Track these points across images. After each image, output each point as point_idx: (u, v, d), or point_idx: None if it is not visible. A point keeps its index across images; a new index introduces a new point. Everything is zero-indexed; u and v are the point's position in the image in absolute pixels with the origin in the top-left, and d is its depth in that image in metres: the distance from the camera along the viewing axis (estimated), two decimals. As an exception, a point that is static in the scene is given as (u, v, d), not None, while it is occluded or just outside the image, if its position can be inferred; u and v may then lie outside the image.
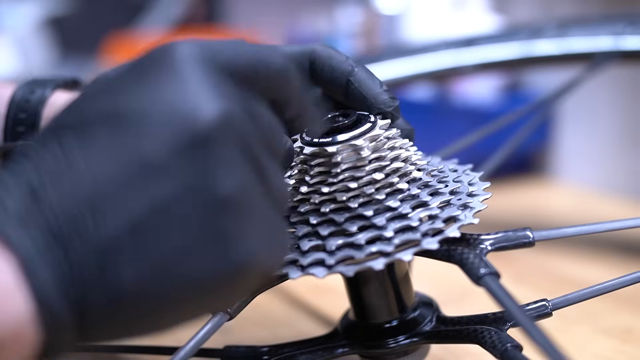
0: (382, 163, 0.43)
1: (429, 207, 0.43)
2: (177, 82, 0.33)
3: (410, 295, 0.47)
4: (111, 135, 0.32)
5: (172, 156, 0.32)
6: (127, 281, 0.31)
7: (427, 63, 0.84)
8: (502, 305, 0.39)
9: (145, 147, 0.32)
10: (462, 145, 0.68)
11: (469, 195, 0.44)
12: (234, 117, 0.33)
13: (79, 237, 0.31)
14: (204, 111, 0.32)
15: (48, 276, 0.31)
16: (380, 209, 0.42)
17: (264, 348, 0.48)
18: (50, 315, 0.31)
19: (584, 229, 0.46)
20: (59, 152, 0.32)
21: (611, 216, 0.90)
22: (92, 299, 0.31)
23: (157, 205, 0.32)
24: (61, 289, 0.31)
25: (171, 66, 0.33)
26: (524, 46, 0.80)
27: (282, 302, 0.69)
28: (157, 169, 0.32)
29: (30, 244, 0.30)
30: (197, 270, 0.32)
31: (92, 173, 0.32)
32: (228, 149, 0.33)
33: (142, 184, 0.32)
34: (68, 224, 0.31)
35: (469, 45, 0.82)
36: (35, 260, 0.30)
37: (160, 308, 0.33)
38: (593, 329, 0.62)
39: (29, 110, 0.51)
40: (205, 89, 0.33)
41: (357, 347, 0.47)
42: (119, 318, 0.32)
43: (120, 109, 0.33)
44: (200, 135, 0.32)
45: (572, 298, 0.45)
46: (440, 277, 0.60)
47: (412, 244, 0.41)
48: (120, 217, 0.31)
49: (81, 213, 0.31)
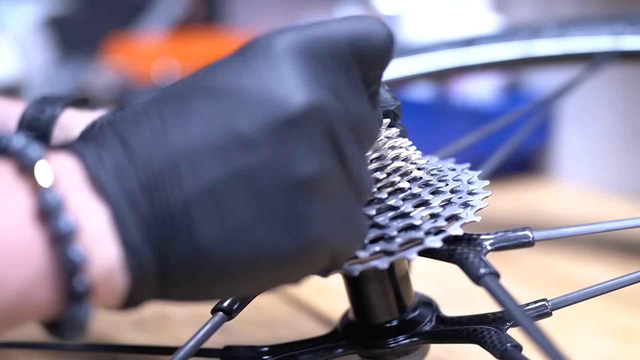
0: (383, 162, 0.43)
1: (431, 206, 0.43)
2: (273, 69, 0.35)
3: (410, 295, 0.47)
4: (206, 106, 0.34)
5: (261, 132, 0.34)
6: (204, 240, 0.33)
7: (427, 63, 0.84)
8: (501, 305, 0.39)
9: (237, 120, 0.34)
10: (462, 145, 0.68)
11: (470, 193, 0.44)
12: (322, 105, 0.35)
13: (165, 192, 0.33)
14: (295, 98, 0.35)
15: (136, 226, 0.33)
16: (383, 208, 0.42)
17: (263, 348, 0.48)
18: (137, 262, 0.33)
19: (584, 228, 0.46)
20: (157, 118, 0.34)
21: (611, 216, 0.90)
22: (172, 253, 0.33)
23: (239, 174, 0.34)
24: (147, 239, 0.33)
25: (270, 54, 0.36)
26: (523, 46, 0.80)
27: (282, 302, 0.69)
28: (245, 141, 0.34)
29: (122, 195, 0.32)
30: (267, 242, 0.34)
31: (183, 136, 0.34)
32: (312, 135, 0.35)
33: (229, 152, 0.34)
34: (156, 179, 0.33)
35: (469, 45, 0.82)
36: (125, 210, 0.32)
37: (233, 273, 0.34)
38: (593, 329, 0.62)
39: (39, 129, 0.52)
40: (298, 78, 0.35)
41: (357, 347, 0.47)
42: (194, 274, 0.34)
43: (218, 85, 0.35)
44: (289, 119, 0.34)
45: (572, 298, 0.45)
46: (440, 277, 0.60)
47: (416, 242, 0.41)
48: (205, 178, 0.33)
49: (169, 170, 0.33)
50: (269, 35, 0.36)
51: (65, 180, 0.32)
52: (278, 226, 0.34)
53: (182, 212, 0.33)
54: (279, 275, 0.36)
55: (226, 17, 1.74)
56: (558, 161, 1.08)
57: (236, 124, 0.34)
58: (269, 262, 0.35)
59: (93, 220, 0.32)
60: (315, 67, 0.36)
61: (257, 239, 0.34)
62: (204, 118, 0.34)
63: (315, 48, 0.36)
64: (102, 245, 0.32)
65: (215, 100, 0.35)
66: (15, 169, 0.32)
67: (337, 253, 0.37)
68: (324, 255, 0.36)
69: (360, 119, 0.37)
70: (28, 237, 0.31)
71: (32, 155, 0.32)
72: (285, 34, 0.36)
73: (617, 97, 1.00)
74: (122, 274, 0.32)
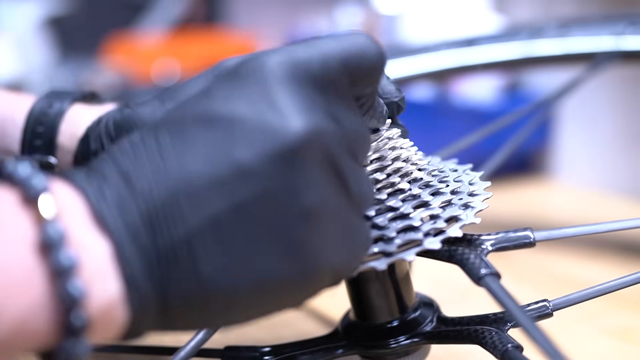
0: (383, 163, 0.43)
1: (431, 207, 0.42)
2: (267, 95, 0.35)
3: (410, 295, 0.47)
4: (204, 136, 0.34)
5: (261, 162, 0.34)
6: (207, 273, 0.33)
7: (428, 63, 0.84)
8: (502, 306, 0.39)
9: (237, 150, 0.34)
10: (462, 145, 0.68)
11: (470, 194, 0.44)
12: (319, 130, 0.35)
13: (167, 226, 0.33)
14: (293, 126, 0.34)
15: (138, 260, 0.32)
16: (382, 209, 0.42)
17: (264, 348, 0.48)
18: (138, 297, 0.32)
19: (585, 229, 0.46)
20: (155, 148, 0.34)
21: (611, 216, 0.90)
22: (174, 286, 0.33)
23: (240, 206, 0.33)
24: (149, 273, 0.33)
25: (263, 79, 0.35)
26: (524, 46, 0.80)
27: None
28: (245, 171, 0.34)
29: (124, 229, 0.32)
30: (269, 273, 0.34)
31: (183, 167, 0.34)
32: (312, 162, 0.34)
33: (229, 183, 0.33)
34: (158, 213, 0.33)
35: (470, 45, 0.82)
36: (127, 245, 0.32)
37: (235, 304, 0.34)
38: (593, 329, 0.62)
39: (47, 124, 0.52)
40: (293, 103, 0.35)
41: (357, 348, 0.47)
42: (197, 306, 0.34)
43: (214, 113, 0.35)
44: (289, 148, 0.34)
45: (573, 299, 0.45)
46: (441, 277, 0.60)
47: (415, 243, 0.41)
48: (206, 211, 0.33)
49: (170, 203, 0.33)
50: (259, 58, 0.36)
51: (68, 214, 0.32)
52: (280, 256, 0.34)
53: (184, 245, 0.33)
54: (281, 302, 0.36)
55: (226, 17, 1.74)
56: (558, 161, 1.08)
57: (236, 154, 0.34)
58: (272, 291, 0.35)
59: (94, 255, 0.32)
60: (309, 90, 0.36)
61: (259, 270, 0.34)
62: (203, 148, 0.34)
63: (308, 70, 0.36)
64: (103, 280, 0.32)
65: (212, 129, 0.34)
66: (19, 198, 0.32)
67: (339, 273, 0.37)
68: (326, 279, 0.36)
69: (355, 136, 0.37)
70: (28, 268, 0.30)
71: (37, 187, 0.32)
72: (276, 55, 0.36)
73: (617, 98, 1.00)
74: (122, 308, 0.32)
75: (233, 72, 0.36)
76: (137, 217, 0.33)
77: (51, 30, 1.52)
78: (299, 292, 0.36)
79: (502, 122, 0.75)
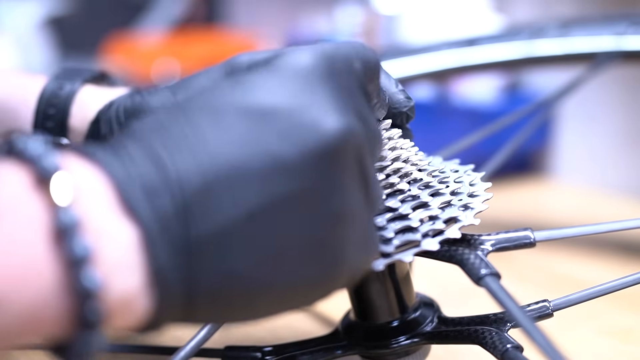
0: (383, 163, 0.43)
1: (430, 208, 0.42)
2: (309, 91, 0.34)
3: (411, 295, 0.47)
4: (242, 124, 0.33)
5: (302, 159, 0.33)
6: (236, 269, 0.32)
7: (429, 63, 0.84)
8: (502, 306, 0.39)
9: (277, 144, 0.33)
10: (463, 145, 0.68)
11: (470, 195, 0.44)
12: (353, 131, 0.34)
13: (201, 217, 0.31)
14: (331, 124, 0.34)
15: (167, 252, 0.31)
16: (381, 210, 0.42)
17: (264, 348, 0.48)
18: (164, 290, 0.31)
19: (585, 229, 0.46)
20: (188, 128, 0.32)
21: (612, 216, 0.90)
22: (203, 280, 0.32)
23: (276, 200, 0.32)
24: (175, 264, 0.31)
25: (303, 74, 0.35)
26: (526, 46, 0.80)
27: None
28: (284, 166, 0.33)
29: (153, 218, 0.30)
30: (297, 271, 0.34)
31: (222, 153, 0.32)
32: (348, 164, 0.34)
33: (268, 176, 0.32)
34: (192, 202, 0.31)
35: (471, 45, 0.82)
36: (156, 235, 0.30)
37: (259, 300, 0.34)
38: (593, 329, 0.62)
39: (58, 106, 0.51)
40: (331, 101, 0.34)
41: (358, 348, 0.47)
42: (221, 301, 0.33)
43: (251, 102, 0.33)
44: (330, 147, 0.33)
45: (573, 299, 0.45)
46: (441, 277, 0.60)
47: (413, 244, 0.41)
48: (244, 203, 0.32)
49: (206, 192, 0.31)
50: (296, 52, 0.36)
51: (89, 196, 0.30)
52: (309, 255, 0.34)
53: (216, 238, 0.31)
54: (299, 301, 0.36)
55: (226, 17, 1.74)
56: (558, 161, 1.08)
57: (276, 147, 0.32)
58: (294, 291, 0.34)
59: (118, 243, 0.30)
60: (342, 88, 0.35)
61: (287, 269, 0.33)
62: (241, 137, 0.32)
63: (339, 67, 0.36)
64: (125, 270, 0.30)
65: (251, 118, 0.33)
66: (31, 179, 0.29)
67: (355, 272, 0.37)
68: (344, 280, 0.36)
69: (375, 136, 0.37)
70: (39, 256, 0.28)
71: (50, 166, 0.29)
72: (311, 52, 0.36)
73: (617, 98, 1.00)
74: (145, 300, 0.31)
75: (268, 64, 0.35)
76: (169, 204, 0.31)
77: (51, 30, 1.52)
78: (317, 292, 0.35)
79: (503, 122, 0.75)
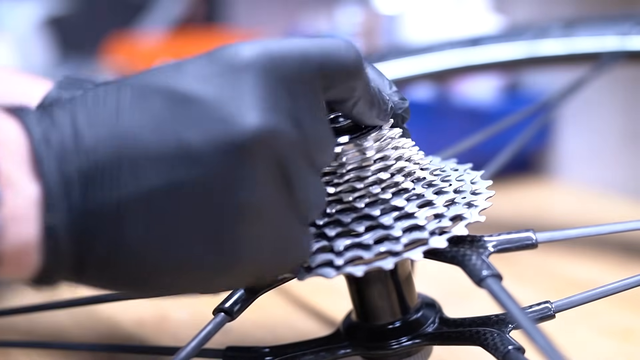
0: (387, 162, 0.43)
1: (435, 206, 0.42)
2: (234, 84, 0.35)
3: (412, 296, 0.47)
4: (162, 107, 0.34)
5: (209, 150, 0.34)
6: (128, 242, 0.34)
7: (431, 63, 0.84)
8: (503, 308, 0.38)
9: (190, 131, 0.34)
10: (466, 145, 0.68)
11: (473, 193, 0.44)
12: (274, 131, 0.35)
13: (102, 188, 0.33)
14: (249, 121, 0.34)
15: (63, 214, 0.33)
16: (387, 209, 0.42)
17: (265, 349, 0.48)
18: (54, 249, 0.33)
19: (587, 230, 0.46)
20: (114, 105, 0.34)
21: (613, 216, 0.90)
22: (95, 247, 0.34)
23: (177, 186, 0.34)
24: (71, 229, 0.33)
25: (235, 67, 0.35)
26: (529, 46, 0.80)
27: (283, 303, 0.68)
28: (190, 154, 0.34)
29: (58, 180, 0.33)
30: (190, 256, 0.35)
31: (134, 134, 0.34)
32: (259, 163, 0.35)
33: (174, 162, 0.34)
34: (97, 171, 0.33)
35: (474, 45, 0.82)
36: (57, 197, 0.33)
37: (149, 275, 0.35)
38: (593, 329, 0.62)
39: None
40: (256, 98, 0.35)
41: (359, 348, 0.47)
42: (112, 270, 0.35)
43: (179, 87, 0.35)
44: (239, 142, 0.34)
45: (575, 300, 0.45)
46: (443, 278, 0.60)
47: (421, 242, 0.41)
48: (145, 183, 0.33)
49: (112, 166, 0.33)
50: (238, 46, 0.36)
51: (6, 148, 0.32)
52: (205, 244, 0.35)
53: (114, 211, 0.33)
54: (195, 285, 0.37)
55: (226, 17, 1.73)
56: (558, 161, 1.08)
57: (186, 134, 0.34)
58: (187, 274, 0.35)
59: (22, 197, 0.32)
60: (278, 87, 0.36)
61: (181, 252, 0.35)
62: (157, 119, 0.34)
63: (283, 66, 0.36)
64: (21, 222, 0.32)
65: (172, 102, 0.34)
66: None
67: (262, 273, 0.37)
68: (247, 275, 0.37)
69: (316, 142, 0.37)
70: None
71: None
72: (254, 46, 0.36)
73: (617, 98, 1.00)
74: (37, 255, 0.33)
75: (210, 53, 0.36)
76: (75, 170, 0.33)
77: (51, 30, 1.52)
78: (215, 280, 0.36)
79: (506, 122, 0.75)
